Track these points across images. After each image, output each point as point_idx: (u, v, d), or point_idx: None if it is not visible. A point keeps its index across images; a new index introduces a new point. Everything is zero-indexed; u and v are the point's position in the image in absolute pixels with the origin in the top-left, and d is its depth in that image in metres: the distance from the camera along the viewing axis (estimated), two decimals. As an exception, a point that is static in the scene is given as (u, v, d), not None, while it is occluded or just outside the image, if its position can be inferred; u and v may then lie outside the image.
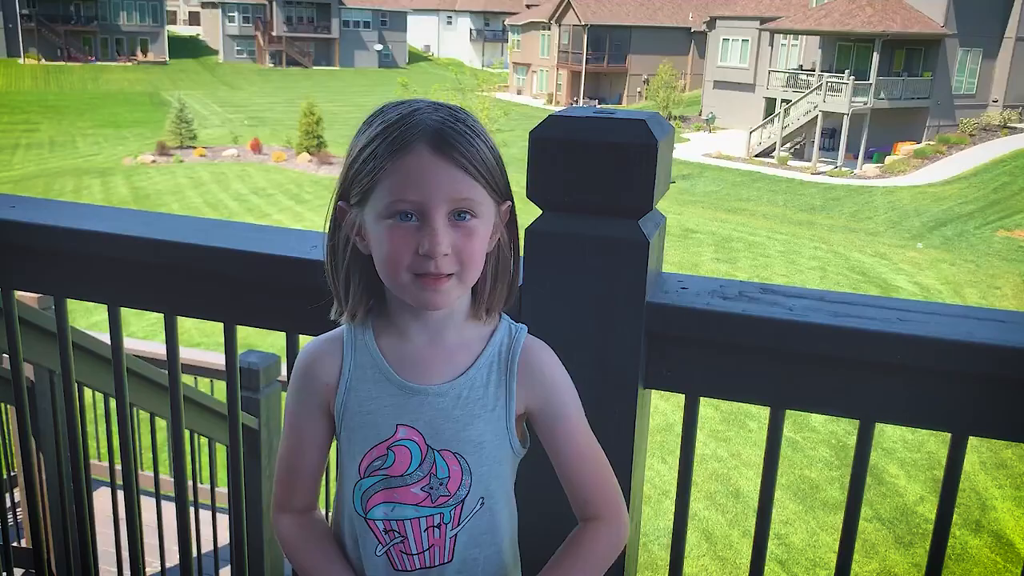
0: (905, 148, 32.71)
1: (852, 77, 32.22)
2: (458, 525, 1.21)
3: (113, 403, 2.44)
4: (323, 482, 1.40)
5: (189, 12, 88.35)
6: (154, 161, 32.42)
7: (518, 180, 1.09)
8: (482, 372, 1.19)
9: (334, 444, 1.28)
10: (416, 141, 1.08)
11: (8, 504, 3.95)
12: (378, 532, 1.21)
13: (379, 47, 75.15)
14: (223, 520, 4.28)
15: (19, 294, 2.60)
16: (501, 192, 1.16)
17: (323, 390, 1.22)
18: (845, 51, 34.84)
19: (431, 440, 1.18)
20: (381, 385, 1.19)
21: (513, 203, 1.20)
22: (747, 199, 27.70)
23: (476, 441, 1.18)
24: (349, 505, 1.22)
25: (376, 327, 1.22)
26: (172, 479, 1.84)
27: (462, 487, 1.19)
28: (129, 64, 67.79)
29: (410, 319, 1.20)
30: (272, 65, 72.12)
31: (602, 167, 1.31)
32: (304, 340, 1.63)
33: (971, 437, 1.33)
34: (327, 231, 1.21)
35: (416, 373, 1.19)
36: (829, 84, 32.87)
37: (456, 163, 1.09)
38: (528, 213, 1.31)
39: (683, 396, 1.44)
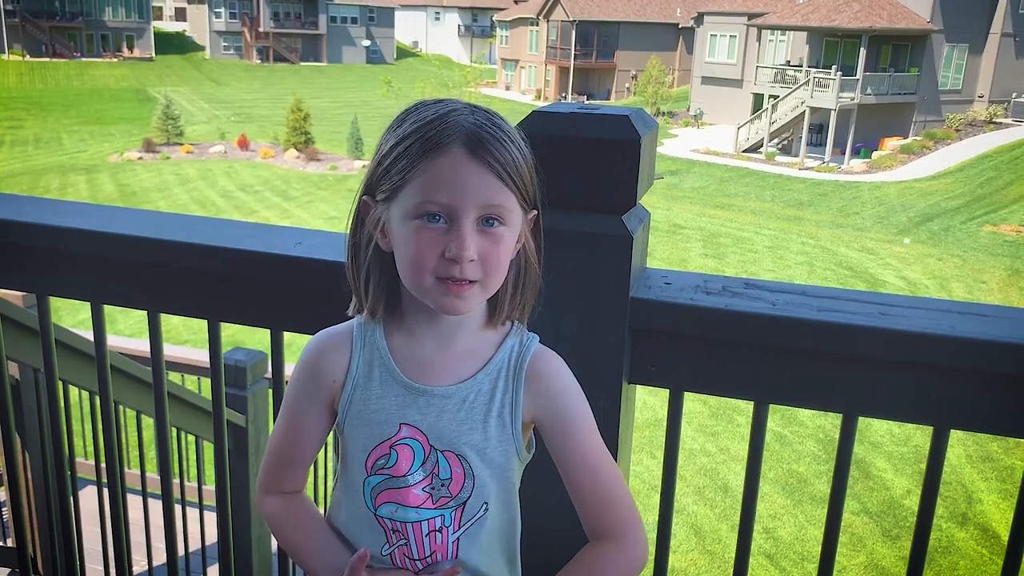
0: (892, 143, 32.86)
1: (839, 73, 32.33)
2: (459, 529, 1.20)
3: (98, 401, 2.43)
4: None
5: (175, 8, 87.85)
6: (140, 158, 32.25)
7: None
8: (490, 377, 1.18)
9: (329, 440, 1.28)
10: (452, 142, 1.06)
11: (-7, 503, 3.93)
12: (387, 529, 1.20)
13: (367, 43, 74.92)
14: (212, 518, 4.27)
15: (3, 292, 2.59)
16: (530, 201, 1.14)
17: (329, 385, 1.21)
18: (832, 47, 34.95)
19: (434, 440, 1.17)
20: (387, 384, 1.18)
21: (540, 212, 1.18)
22: (735, 195, 27.77)
23: (479, 446, 1.17)
24: (358, 498, 1.21)
25: (387, 325, 1.21)
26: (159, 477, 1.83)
27: (464, 489, 1.18)
28: (115, 60, 67.35)
29: (423, 321, 1.18)
30: (259, 61, 71.80)
31: (586, 163, 1.31)
32: (291, 337, 1.63)
33: (957, 431, 1.34)
34: (349, 226, 1.19)
35: (423, 374, 1.18)
36: (816, 80, 32.98)
37: (490, 168, 1.07)
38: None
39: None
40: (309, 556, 1.25)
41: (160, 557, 3.60)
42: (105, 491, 3.16)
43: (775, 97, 34.34)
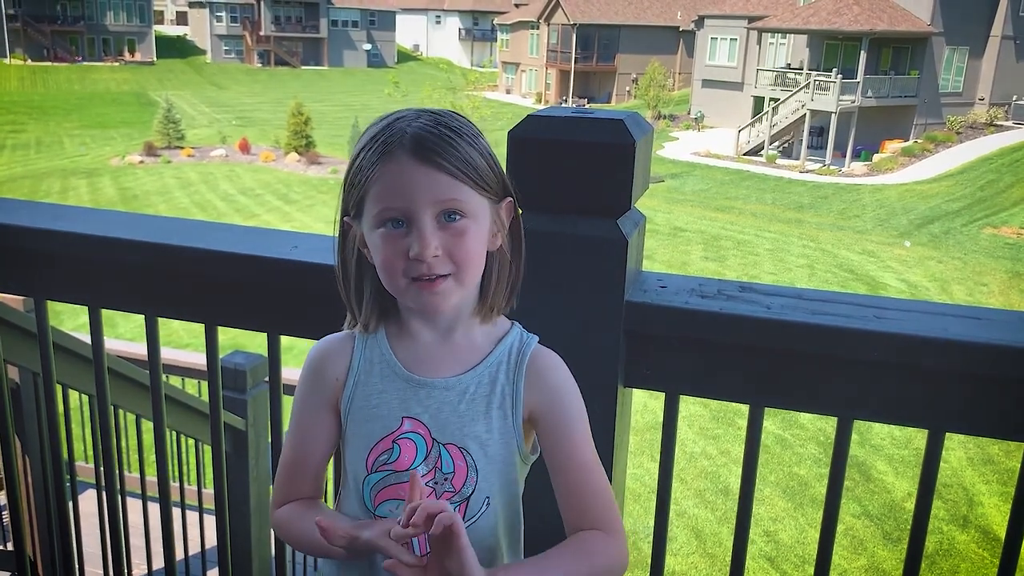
0: (892, 146, 32.85)
1: (840, 75, 32.33)
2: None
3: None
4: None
5: (176, 12, 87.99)
6: (142, 162, 32.27)
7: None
8: (490, 370, 1.20)
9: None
10: (395, 149, 1.10)
11: (-6, 507, 3.93)
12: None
13: (368, 47, 75.03)
14: (212, 521, 4.27)
15: (4, 296, 2.59)
16: (494, 189, 1.16)
17: (332, 386, 1.23)
18: (833, 49, 34.96)
19: (436, 433, 1.19)
20: (388, 380, 1.21)
21: (516, 200, 1.20)
22: (736, 197, 27.77)
23: (481, 438, 1.19)
24: (357, 500, 1.22)
25: (387, 328, 1.24)
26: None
27: (467, 483, 1.19)
28: (116, 64, 67.46)
29: (419, 320, 1.21)
30: (260, 65, 71.91)
31: (580, 166, 1.32)
32: (289, 341, 1.63)
33: (955, 434, 1.34)
34: (336, 245, 1.22)
35: (424, 368, 1.21)
36: (817, 82, 32.98)
37: (437, 166, 1.10)
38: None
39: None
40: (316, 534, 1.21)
41: (159, 561, 3.60)
42: (104, 494, 3.16)
43: (776, 100, 34.34)
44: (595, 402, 1.39)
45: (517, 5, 64.35)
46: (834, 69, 33.07)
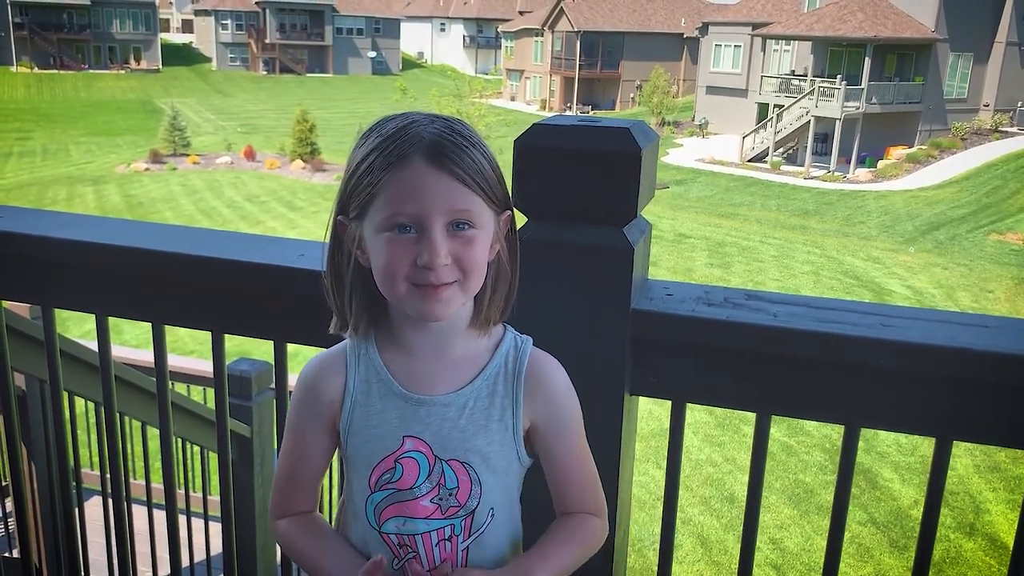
0: (897, 152, 32.81)
1: (844, 82, 32.32)
2: (469, 537, 1.20)
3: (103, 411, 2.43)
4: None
5: (182, 20, 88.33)
6: (147, 169, 32.37)
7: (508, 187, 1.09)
8: (488, 383, 1.19)
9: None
10: (412, 154, 1.08)
11: (1, 514, 3.93)
12: (393, 546, 1.21)
13: (372, 54, 75.23)
14: (218, 528, 4.27)
15: (11, 304, 2.60)
16: (499, 202, 1.15)
17: (328, 406, 1.21)
18: (837, 56, 34.96)
19: (438, 450, 1.17)
20: (387, 399, 1.19)
21: (513, 212, 1.19)
22: (740, 204, 27.75)
23: (483, 451, 1.18)
24: (362, 519, 1.21)
25: (379, 340, 1.21)
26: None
27: (472, 497, 1.19)
28: (122, 72, 67.73)
29: (413, 331, 1.19)
30: (265, 72, 72.13)
31: (586, 175, 1.32)
32: (295, 348, 1.63)
33: (962, 442, 1.34)
34: (327, 246, 1.20)
35: (421, 385, 1.19)
36: (821, 89, 32.96)
37: (453, 175, 1.08)
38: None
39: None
40: (324, 564, 1.23)
41: (165, 568, 3.60)
42: (110, 501, 3.17)
43: (780, 107, 34.33)
44: (601, 410, 1.39)
45: (521, 12, 64.56)
46: (838, 75, 33.06)
